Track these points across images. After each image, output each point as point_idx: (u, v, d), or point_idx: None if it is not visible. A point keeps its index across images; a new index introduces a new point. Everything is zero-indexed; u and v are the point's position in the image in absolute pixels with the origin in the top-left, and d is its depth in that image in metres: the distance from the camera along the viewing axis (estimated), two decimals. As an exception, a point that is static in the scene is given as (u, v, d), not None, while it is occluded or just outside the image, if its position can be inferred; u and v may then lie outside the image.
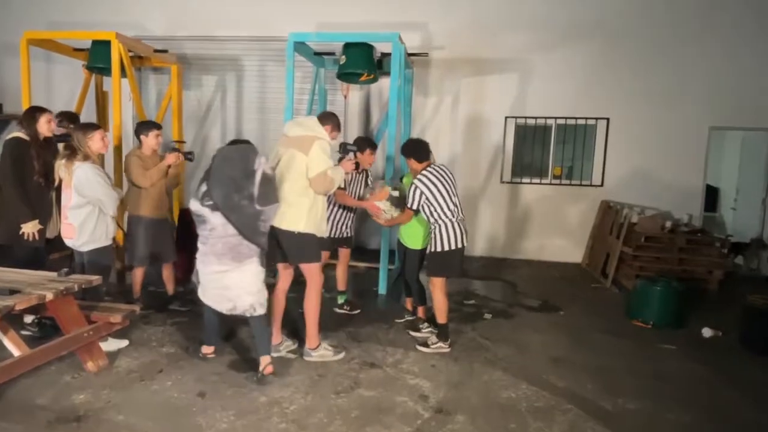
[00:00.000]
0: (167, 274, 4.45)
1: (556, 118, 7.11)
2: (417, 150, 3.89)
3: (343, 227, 4.57)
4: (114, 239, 3.85)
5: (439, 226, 3.76)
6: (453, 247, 3.74)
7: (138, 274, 4.30)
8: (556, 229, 7.19)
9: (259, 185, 3.08)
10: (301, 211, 3.41)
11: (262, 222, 3.11)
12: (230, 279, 3.18)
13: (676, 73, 6.77)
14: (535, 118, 7.12)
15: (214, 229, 3.10)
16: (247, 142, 3.38)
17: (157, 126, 4.28)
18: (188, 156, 4.33)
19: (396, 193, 4.08)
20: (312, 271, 3.53)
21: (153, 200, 4.22)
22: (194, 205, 3.14)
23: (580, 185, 7.16)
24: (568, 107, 7.02)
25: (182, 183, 4.56)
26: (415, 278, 4.22)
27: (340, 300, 4.77)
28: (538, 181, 7.26)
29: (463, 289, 5.61)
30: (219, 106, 7.93)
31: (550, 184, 7.25)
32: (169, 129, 6.48)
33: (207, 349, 3.64)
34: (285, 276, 3.65)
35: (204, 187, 3.11)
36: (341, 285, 4.75)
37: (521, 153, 7.32)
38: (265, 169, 3.14)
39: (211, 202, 3.06)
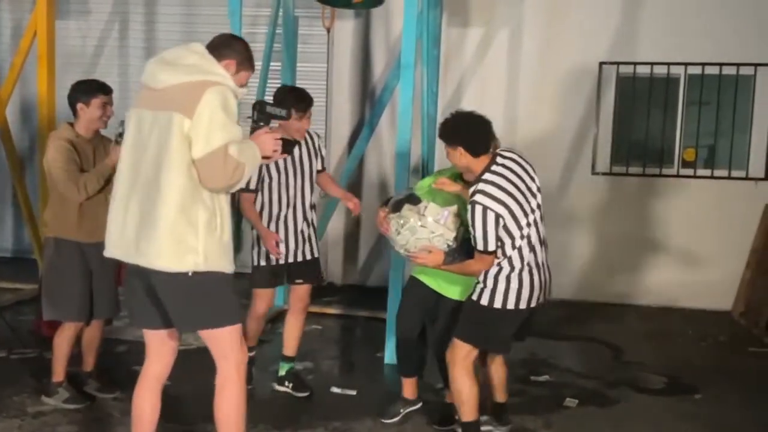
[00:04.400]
0: (91, 336, 4.52)
1: (686, 64, 7.12)
2: (472, 132, 3.68)
3: (300, 240, 4.57)
4: None
5: (502, 268, 3.63)
6: (512, 306, 3.64)
7: (66, 338, 4.34)
8: (687, 253, 7.18)
9: None
10: (192, 232, 3.02)
11: None
12: None
13: None
14: (652, 64, 7.14)
15: None
16: None
17: (103, 89, 4.31)
18: None
19: (448, 213, 3.68)
20: (226, 343, 3.18)
21: (91, 215, 4.26)
22: None
23: (728, 178, 7.16)
24: (708, 47, 7.03)
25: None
26: None
27: (283, 371, 4.78)
28: (656, 171, 7.26)
29: (530, 356, 5.58)
30: (117, 46, 8.01)
31: (678, 176, 7.24)
32: (32, 83, 6.54)
33: None
34: (163, 353, 3.33)
35: None
36: (288, 347, 4.75)
37: (628, 124, 7.32)
38: None
39: None
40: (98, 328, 4.50)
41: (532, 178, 3.70)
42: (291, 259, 4.53)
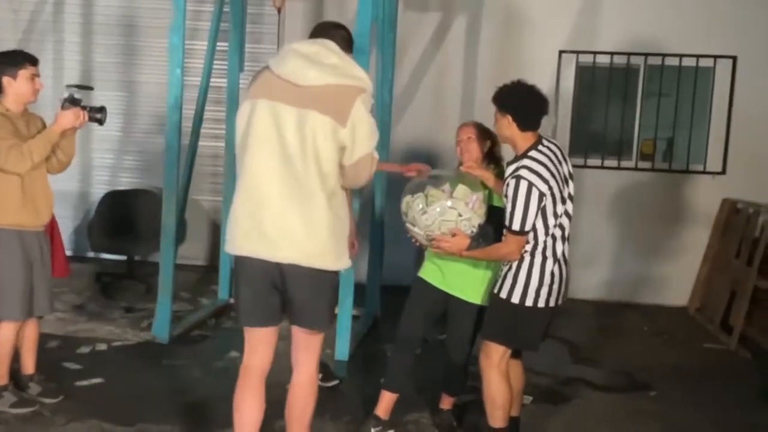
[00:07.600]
0: (29, 335, 4.37)
1: (646, 54, 7.19)
2: (526, 104, 3.64)
3: None
4: None
5: (532, 259, 3.57)
6: (542, 305, 3.60)
7: (8, 338, 4.19)
8: (644, 248, 7.28)
9: None
10: (343, 231, 3.29)
11: None
12: None
13: None
14: (611, 53, 7.20)
15: None
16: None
17: (31, 59, 4.15)
18: (97, 116, 4.21)
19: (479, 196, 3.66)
20: (319, 345, 3.42)
21: (30, 197, 4.12)
22: None
23: (686, 172, 7.26)
24: (668, 38, 7.11)
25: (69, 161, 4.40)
26: (467, 353, 4.08)
27: None
28: (614, 164, 7.33)
29: (483, 353, 5.60)
30: (51, 21, 7.79)
31: (636, 169, 7.32)
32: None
33: None
34: (267, 348, 3.42)
35: None
36: None
37: (586, 115, 7.36)
38: None
39: None
40: (36, 326, 4.37)
41: (568, 166, 3.69)
42: None
